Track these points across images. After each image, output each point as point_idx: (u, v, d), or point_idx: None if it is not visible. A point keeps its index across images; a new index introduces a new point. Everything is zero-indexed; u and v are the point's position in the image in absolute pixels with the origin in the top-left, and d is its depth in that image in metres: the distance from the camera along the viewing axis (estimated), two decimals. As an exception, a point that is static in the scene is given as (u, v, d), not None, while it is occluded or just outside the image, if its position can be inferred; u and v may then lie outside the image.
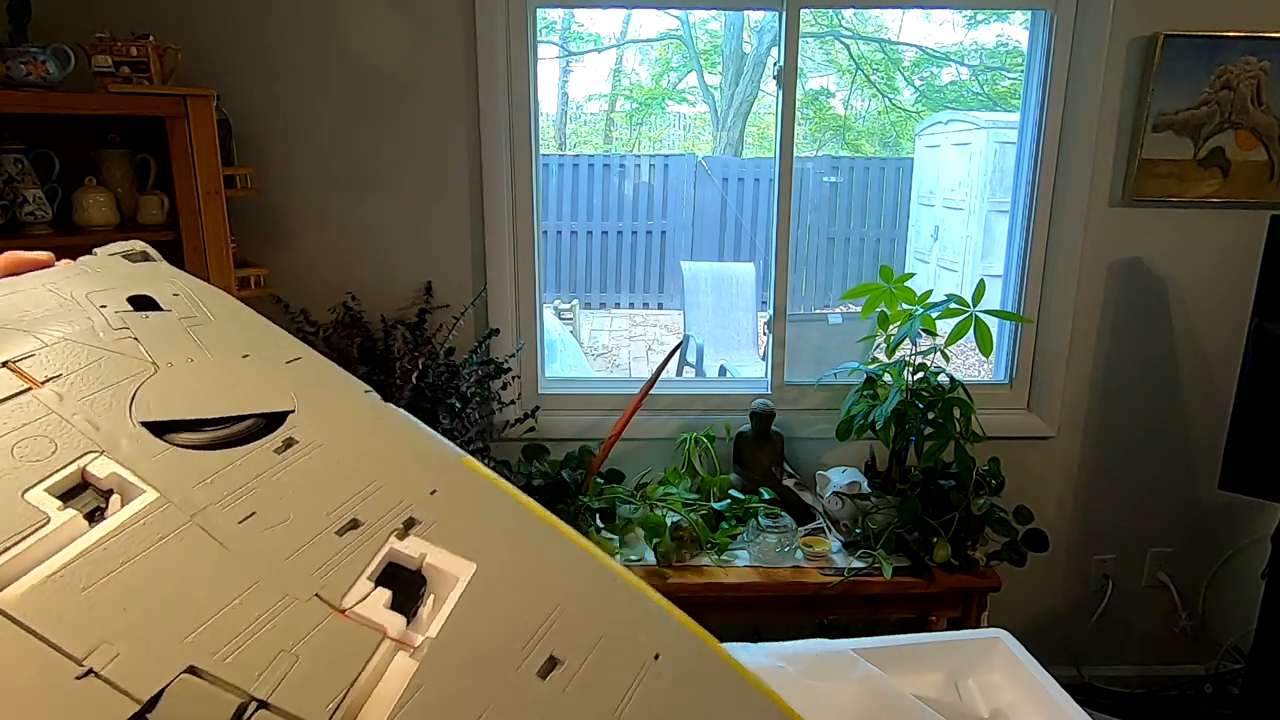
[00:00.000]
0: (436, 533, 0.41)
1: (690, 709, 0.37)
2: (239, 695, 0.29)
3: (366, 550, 0.38)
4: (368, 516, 0.40)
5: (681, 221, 6.67)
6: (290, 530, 0.38)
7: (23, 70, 1.58)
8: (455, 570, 0.39)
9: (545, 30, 7.31)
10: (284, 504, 0.40)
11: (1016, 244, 2.24)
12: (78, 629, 0.30)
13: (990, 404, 2.25)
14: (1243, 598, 2.33)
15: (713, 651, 0.42)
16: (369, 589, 0.36)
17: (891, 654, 1.08)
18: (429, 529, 0.41)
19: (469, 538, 0.42)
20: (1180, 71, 2.00)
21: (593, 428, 2.19)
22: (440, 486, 0.46)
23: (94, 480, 0.37)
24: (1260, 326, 1.81)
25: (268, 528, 0.38)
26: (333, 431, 0.48)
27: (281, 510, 0.40)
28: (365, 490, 0.43)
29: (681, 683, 0.39)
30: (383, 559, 0.38)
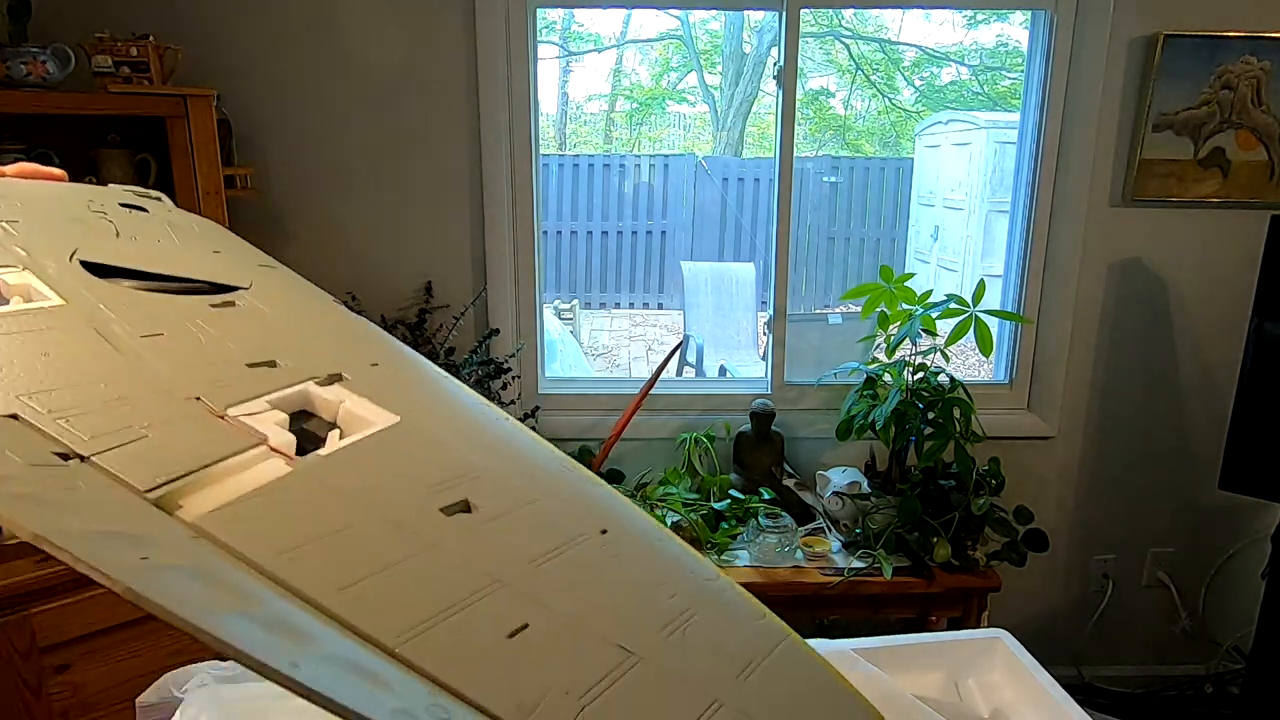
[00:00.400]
0: (364, 389, 0.40)
1: (629, 578, 0.38)
2: (58, 445, 0.29)
3: (274, 382, 0.38)
4: (289, 361, 0.40)
5: (681, 221, 6.67)
6: (196, 353, 0.38)
7: (23, 70, 1.58)
8: (374, 417, 0.38)
9: (545, 30, 7.31)
10: (198, 336, 0.40)
11: (1016, 244, 2.24)
12: None
13: (990, 404, 2.25)
14: (1243, 598, 2.33)
15: (668, 537, 0.41)
16: (264, 408, 0.36)
17: (891, 654, 1.08)
18: (357, 385, 0.40)
19: (403, 399, 0.41)
20: (1180, 71, 2.00)
21: (593, 428, 2.19)
22: (384, 362, 0.45)
23: (2, 287, 0.39)
24: (1260, 326, 1.81)
25: (172, 347, 0.38)
26: (282, 306, 0.48)
27: (193, 339, 0.39)
28: (295, 347, 0.42)
29: (626, 560, 0.39)
30: (293, 394, 0.38)
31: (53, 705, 1.56)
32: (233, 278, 0.48)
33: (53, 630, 1.54)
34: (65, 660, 1.57)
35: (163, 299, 0.42)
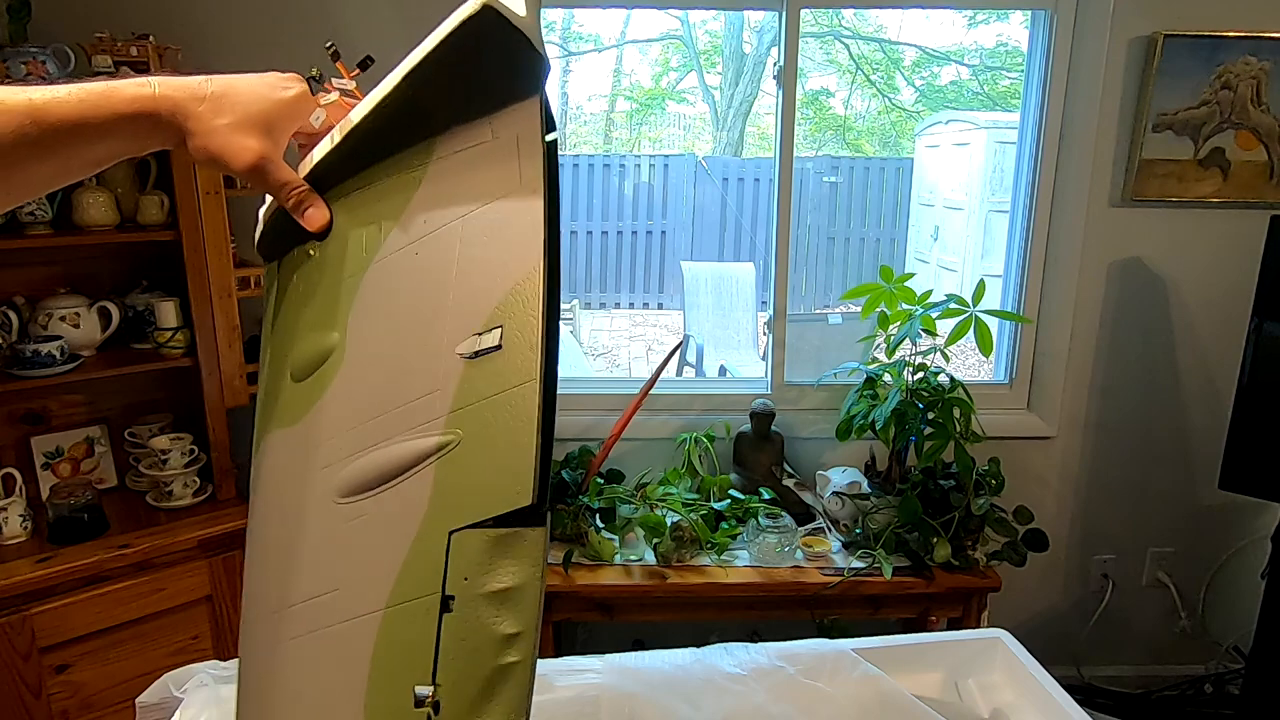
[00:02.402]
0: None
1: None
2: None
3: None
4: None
5: (681, 221, 6.67)
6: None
7: (23, 70, 1.58)
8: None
9: (545, 30, 7.29)
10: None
11: (1016, 244, 2.24)
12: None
13: (990, 404, 2.25)
14: (1243, 598, 2.33)
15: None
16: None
17: (891, 654, 1.08)
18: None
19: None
20: (1180, 71, 2.00)
21: (593, 428, 2.19)
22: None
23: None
24: (1260, 326, 1.81)
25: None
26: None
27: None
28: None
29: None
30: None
31: (53, 705, 1.57)
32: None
33: (53, 630, 1.54)
34: (65, 660, 1.57)
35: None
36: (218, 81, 0.56)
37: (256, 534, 0.58)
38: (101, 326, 1.77)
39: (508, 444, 0.47)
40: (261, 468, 0.59)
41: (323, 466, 0.53)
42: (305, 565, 0.52)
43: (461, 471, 0.48)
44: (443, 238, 0.54)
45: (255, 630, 0.55)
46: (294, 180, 0.58)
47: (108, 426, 1.90)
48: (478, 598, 0.45)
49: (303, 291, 0.59)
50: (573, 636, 2.30)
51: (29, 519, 1.67)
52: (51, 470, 1.82)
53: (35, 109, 0.48)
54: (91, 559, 1.58)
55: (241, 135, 0.55)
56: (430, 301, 0.52)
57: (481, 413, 0.48)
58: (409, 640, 0.45)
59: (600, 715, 0.97)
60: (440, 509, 0.47)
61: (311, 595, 0.50)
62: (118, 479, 1.92)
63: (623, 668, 1.04)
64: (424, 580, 0.46)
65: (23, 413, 1.81)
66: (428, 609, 0.45)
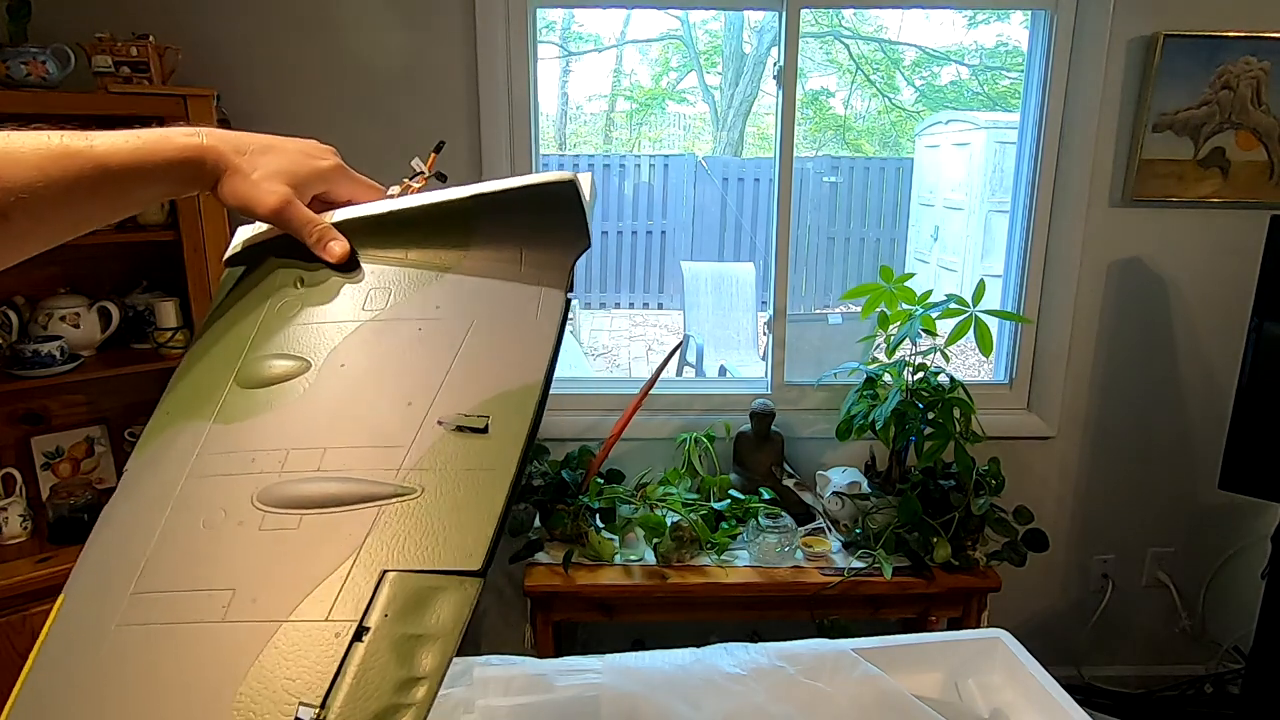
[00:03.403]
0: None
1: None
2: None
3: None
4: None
5: (681, 221, 6.67)
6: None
7: (23, 70, 1.58)
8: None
9: (545, 30, 7.31)
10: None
11: (1016, 244, 2.24)
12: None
13: (990, 404, 2.25)
14: (1243, 598, 2.33)
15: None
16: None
17: (891, 654, 1.08)
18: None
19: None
20: (1180, 71, 2.00)
21: (593, 428, 2.19)
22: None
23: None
24: (1260, 326, 1.81)
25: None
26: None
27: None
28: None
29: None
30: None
31: (53, 705, 1.56)
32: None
33: (53, 630, 1.54)
34: (65, 660, 1.57)
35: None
36: (260, 139, 0.61)
37: (131, 511, 0.56)
38: (101, 326, 1.77)
39: (469, 512, 0.49)
40: (164, 451, 0.57)
41: (255, 471, 0.53)
42: (194, 556, 0.50)
43: (413, 521, 0.49)
44: (450, 329, 0.58)
45: (91, 608, 0.51)
46: (317, 219, 0.62)
47: (108, 426, 1.90)
48: (393, 636, 0.45)
49: (278, 313, 0.61)
50: (573, 636, 2.30)
51: (29, 519, 1.67)
52: (51, 470, 1.82)
53: (96, 154, 0.52)
54: (91, 559, 1.58)
55: (269, 183, 0.60)
56: (422, 373, 0.56)
57: (448, 478, 0.51)
58: (304, 656, 0.45)
59: (600, 715, 0.97)
60: (379, 546, 0.48)
61: (197, 588, 0.49)
62: (118, 479, 1.91)
63: (623, 668, 1.04)
64: (342, 606, 0.46)
65: (23, 413, 1.81)
66: (337, 633, 0.45)
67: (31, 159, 0.50)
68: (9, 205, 0.48)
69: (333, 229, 0.62)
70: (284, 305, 0.61)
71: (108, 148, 0.53)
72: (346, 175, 0.66)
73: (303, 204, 0.62)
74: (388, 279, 0.61)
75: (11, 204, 0.48)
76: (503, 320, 0.58)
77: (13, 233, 0.50)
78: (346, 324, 0.59)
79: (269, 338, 0.60)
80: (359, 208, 0.64)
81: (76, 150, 0.52)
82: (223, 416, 0.56)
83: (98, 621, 0.49)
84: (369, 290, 0.61)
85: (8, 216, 0.49)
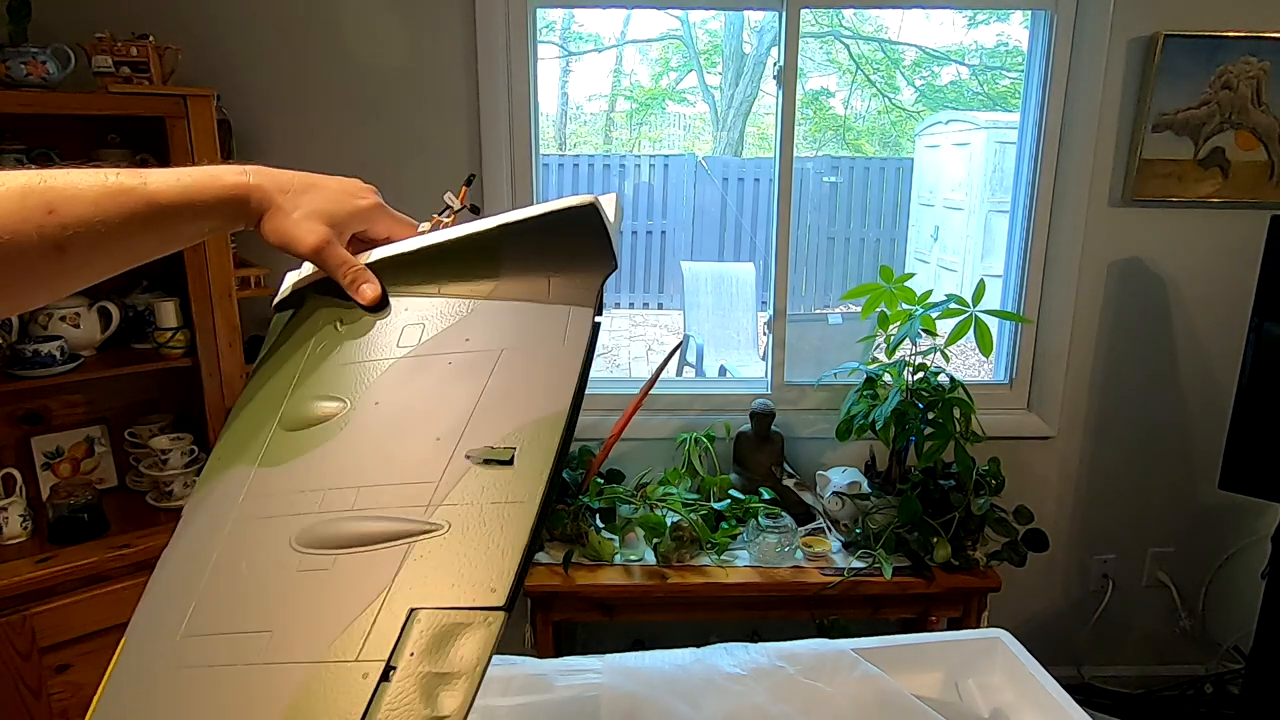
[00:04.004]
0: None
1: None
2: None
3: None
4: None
5: (681, 221, 6.67)
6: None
7: (23, 70, 1.58)
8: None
9: (545, 30, 7.31)
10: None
11: (1016, 244, 2.24)
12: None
13: (990, 404, 2.25)
14: (1243, 598, 2.33)
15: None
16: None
17: (891, 654, 1.08)
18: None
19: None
20: (1180, 71, 2.00)
21: (593, 428, 2.19)
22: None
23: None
24: (1260, 326, 1.81)
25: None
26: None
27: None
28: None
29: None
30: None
31: (53, 705, 1.57)
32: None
33: (53, 630, 1.54)
34: (65, 660, 1.57)
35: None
36: (303, 178, 0.64)
37: (184, 553, 0.57)
38: (101, 326, 1.77)
39: (495, 547, 0.50)
40: (214, 494, 0.59)
41: (294, 513, 0.54)
42: (237, 599, 0.52)
43: (440, 557, 0.50)
44: (479, 360, 0.59)
45: (146, 653, 0.53)
46: (352, 261, 0.64)
47: (108, 426, 1.90)
48: (419, 674, 0.46)
49: (319, 354, 0.63)
50: (573, 636, 2.30)
51: (29, 519, 1.67)
52: (51, 470, 1.82)
53: (149, 192, 0.55)
54: (91, 559, 1.58)
55: (310, 223, 0.62)
56: (451, 407, 0.57)
57: (474, 512, 0.51)
58: (334, 697, 0.46)
59: (600, 715, 0.97)
60: (407, 584, 0.49)
61: (237, 630, 0.50)
62: (118, 479, 1.92)
63: (623, 668, 1.04)
64: (371, 646, 0.47)
65: (23, 413, 1.81)
66: (365, 673, 0.46)
67: (89, 195, 0.52)
68: (66, 239, 0.51)
69: (366, 271, 0.64)
70: (324, 346, 0.63)
71: (160, 185, 0.56)
72: (385, 213, 0.69)
73: (341, 243, 0.64)
74: (421, 314, 0.63)
75: (69, 238, 0.51)
76: (530, 348, 0.60)
77: (69, 265, 0.52)
78: (382, 362, 0.60)
79: (310, 379, 0.62)
80: (391, 247, 0.66)
81: (130, 188, 0.54)
82: (267, 460, 0.58)
83: (151, 665, 0.51)
84: (403, 326, 0.62)
85: (64, 250, 0.51)
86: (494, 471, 0.53)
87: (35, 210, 0.50)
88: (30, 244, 0.50)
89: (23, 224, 0.50)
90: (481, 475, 0.53)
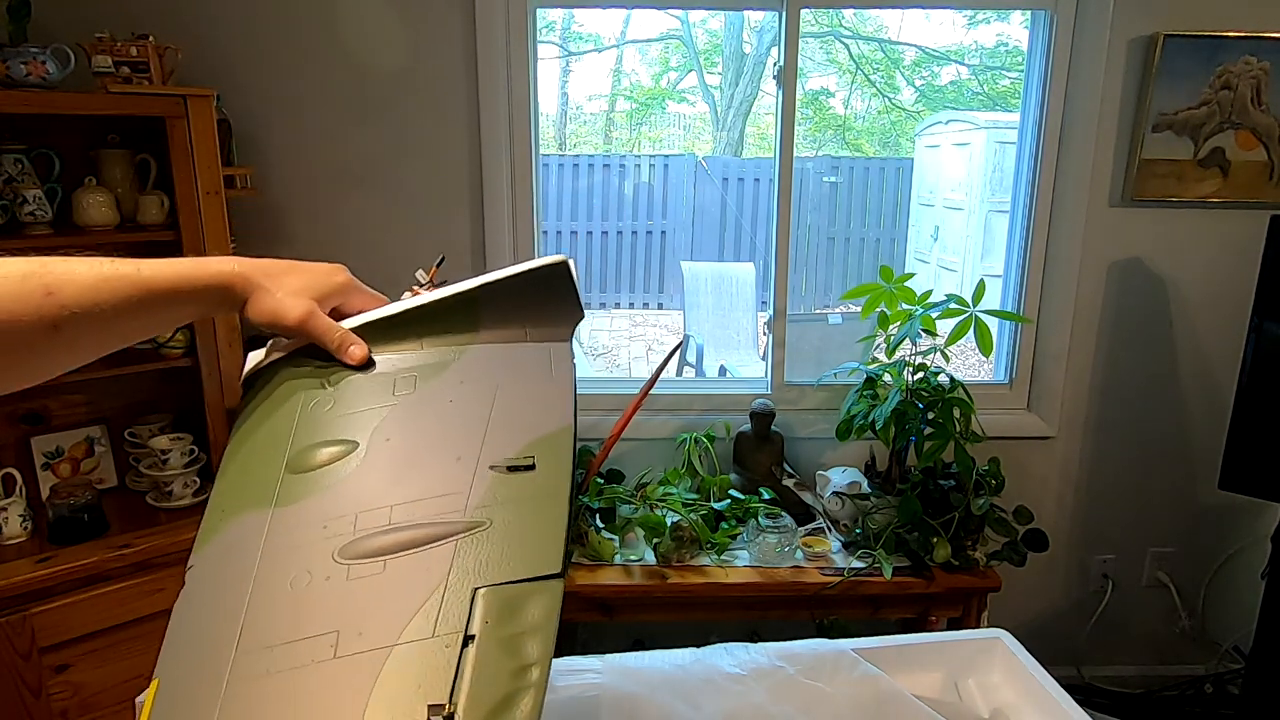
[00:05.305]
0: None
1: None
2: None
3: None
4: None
5: (681, 221, 6.67)
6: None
7: (23, 70, 1.58)
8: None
9: (545, 30, 7.31)
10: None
11: (1016, 244, 2.24)
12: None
13: (990, 404, 2.25)
14: (1243, 598, 2.33)
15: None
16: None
17: (891, 654, 1.08)
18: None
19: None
20: (1180, 71, 2.00)
21: (593, 428, 2.19)
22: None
23: None
24: (1260, 326, 1.81)
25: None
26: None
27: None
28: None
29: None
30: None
31: (53, 705, 1.57)
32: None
33: (53, 630, 1.54)
34: (65, 660, 1.57)
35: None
36: (283, 263, 0.70)
37: (211, 589, 0.58)
38: (101, 326, 1.77)
39: (537, 529, 0.55)
40: (229, 538, 0.59)
41: (329, 536, 0.56)
42: (290, 613, 0.53)
43: (490, 547, 0.54)
44: (478, 393, 0.65)
45: (194, 677, 0.53)
46: (337, 327, 0.69)
47: (108, 426, 1.90)
48: (498, 636, 0.50)
49: (312, 410, 0.66)
50: (573, 636, 2.30)
51: (29, 519, 1.67)
52: (51, 470, 1.82)
53: (143, 278, 0.60)
54: (91, 559, 1.58)
55: (294, 299, 0.67)
56: (463, 433, 0.62)
57: (511, 507, 0.56)
58: (422, 670, 0.49)
59: (600, 715, 0.97)
60: (464, 571, 0.53)
61: (300, 637, 0.52)
62: (118, 479, 1.92)
63: (623, 668, 1.04)
64: (445, 623, 0.51)
65: (23, 413, 1.81)
66: (447, 644, 0.50)
67: (86, 279, 0.57)
68: (62, 319, 0.56)
69: (352, 334, 0.69)
70: (316, 404, 0.66)
71: (152, 272, 0.60)
72: (358, 289, 0.74)
73: (324, 313, 0.70)
74: (410, 367, 0.68)
75: (65, 318, 0.56)
76: (524, 379, 0.67)
77: (62, 341, 0.58)
78: (383, 408, 0.64)
79: (310, 430, 0.64)
80: (372, 312, 0.72)
81: (124, 274, 0.59)
82: (282, 500, 0.60)
83: (208, 683, 0.52)
84: (396, 377, 0.67)
85: (59, 328, 0.56)
86: (520, 476, 0.58)
87: (34, 292, 0.55)
88: (29, 323, 0.55)
89: (23, 304, 0.54)
90: (509, 480, 0.57)
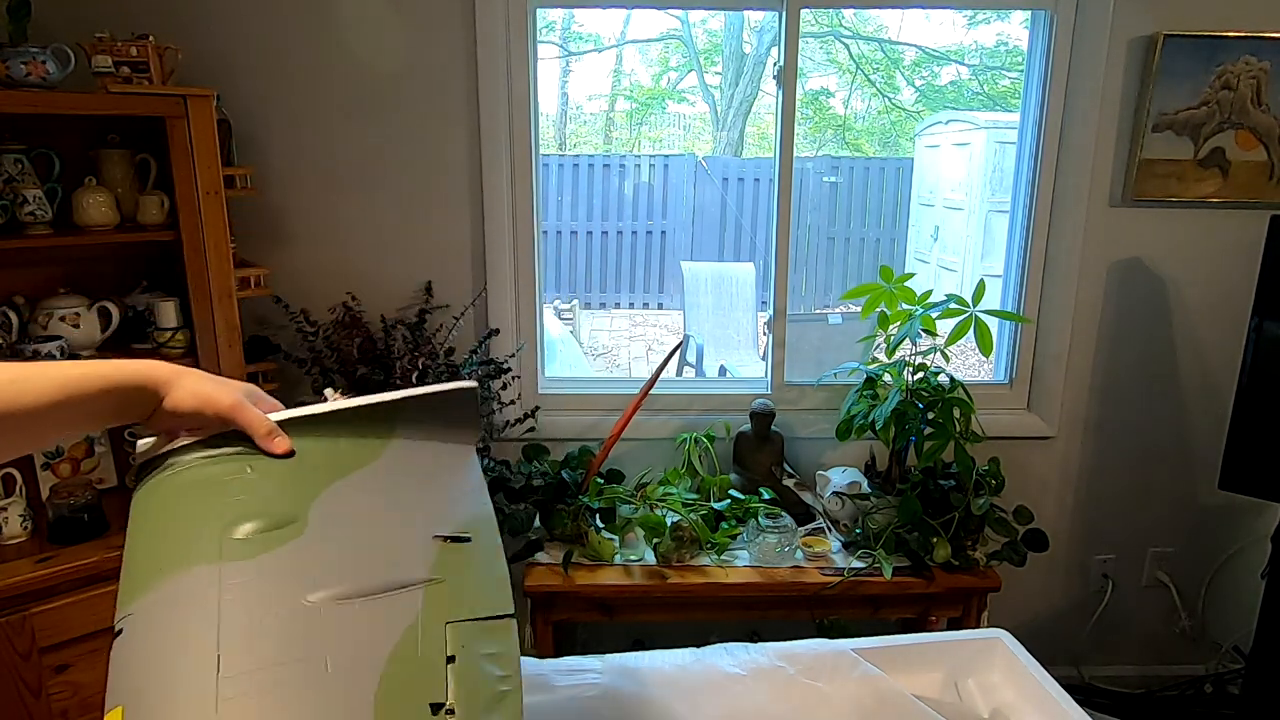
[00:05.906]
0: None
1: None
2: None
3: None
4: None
5: (681, 221, 6.67)
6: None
7: (23, 70, 1.58)
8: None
9: (545, 30, 7.31)
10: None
11: (1016, 244, 2.24)
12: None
13: (990, 404, 2.25)
14: (1243, 598, 2.33)
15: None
16: None
17: (891, 654, 1.08)
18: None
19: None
20: (1180, 71, 2.00)
21: (593, 428, 2.19)
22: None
23: None
24: (1260, 326, 1.81)
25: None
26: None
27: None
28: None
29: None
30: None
31: (53, 705, 1.56)
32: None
33: (53, 630, 1.54)
34: (65, 660, 1.57)
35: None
36: (194, 369, 0.73)
37: (163, 636, 0.58)
38: (101, 326, 1.77)
39: (485, 583, 0.66)
40: (169, 589, 0.60)
41: (293, 583, 0.61)
42: (273, 641, 0.56)
43: (449, 597, 0.63)
44: (405, 488, 0.73)
45: (170, 704, 0.54)
46: (265, 418, 0.72)
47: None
48: (475, 655, 0.60)
49: (240, 486, 0.69)
50: (573, 636, 2.30)
51: (29, 519, 1.67)
52: (51, 470, 1.82)
53: (62, 376, 0.64)
54: (91, 559, 1.58)
55: (221, 389, 0.71)
56: (403, 511, 0.70)
57: (459, 570, 0.66)
58: (416, 683, 0.57)
59: (600, 715, 0.97)
60: (435, 609, 0.62)
61: (289, 659, 0.56)
62: (118, 479, 1.92)
63: (623, 668, 1.04)
64: (426, 647, 0.59)
65: (23, 413, 1.81)
66: (433, 661, 0.59)
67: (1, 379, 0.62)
68: None
69: (278, 428, 0.72)
70: (241, 482, 0.69)
71: (70, 372, 0.64)
72: (264, 396, 0.77)
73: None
74: (335, 457, 0.73)
75: None
76: (447, 470, 0.76)
77: None
78: (317, 487, 0.69)
79: (243, 503, 0.67)
80: (295, 409, 0.76)
81: (42, 373, 0.63)
82: (230, 557, 0.62)
83: (193, 703, 0.54)
84: (319, 466, 0.72)
85: None
86: (461, 546, 0.68)
87: None
88: None
89: None
90: (451, 549, 0.67)
